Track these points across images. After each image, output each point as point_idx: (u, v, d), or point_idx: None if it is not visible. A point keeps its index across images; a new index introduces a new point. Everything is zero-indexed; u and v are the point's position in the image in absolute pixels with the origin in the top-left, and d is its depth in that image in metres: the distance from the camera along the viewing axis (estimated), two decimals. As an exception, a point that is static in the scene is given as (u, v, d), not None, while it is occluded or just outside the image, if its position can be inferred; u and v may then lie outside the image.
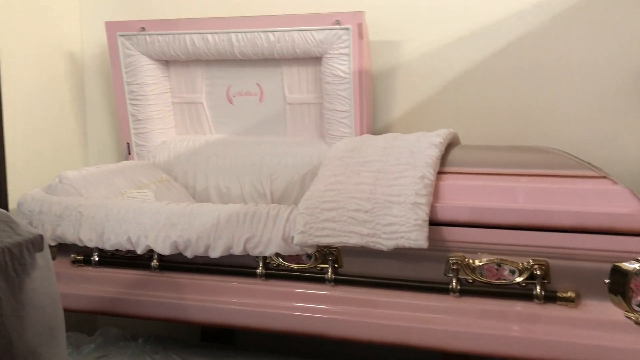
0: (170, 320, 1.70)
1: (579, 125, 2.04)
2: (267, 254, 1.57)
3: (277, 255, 1.60)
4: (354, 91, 2.04)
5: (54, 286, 1.31)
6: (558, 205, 1.42)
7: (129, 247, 1.68)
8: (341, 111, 2.07)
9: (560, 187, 1.46)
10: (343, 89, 2.04)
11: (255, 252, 1.58)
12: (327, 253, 1.58)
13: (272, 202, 2.16)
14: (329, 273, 1.58)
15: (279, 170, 2.16)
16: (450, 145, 1.76)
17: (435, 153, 1.57)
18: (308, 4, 2.17)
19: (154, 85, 2.27)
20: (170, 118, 2.35)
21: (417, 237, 1.42)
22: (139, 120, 2.28)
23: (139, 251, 1.66)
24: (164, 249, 1.63)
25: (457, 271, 1.48)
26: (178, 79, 2.32)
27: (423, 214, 1.43)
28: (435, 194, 1.51)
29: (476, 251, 1.49)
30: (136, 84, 2.24)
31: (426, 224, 1.43)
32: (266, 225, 1.57)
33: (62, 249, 1.81)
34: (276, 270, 1.63)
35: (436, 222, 1.49)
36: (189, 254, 1.63)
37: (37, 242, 1.28)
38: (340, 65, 2.03)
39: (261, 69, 2.22)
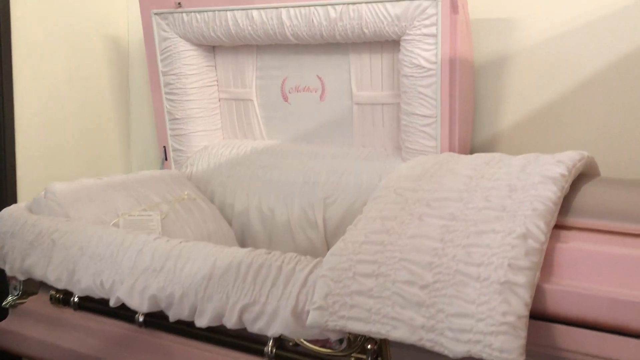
0: (152, 400, 1.23)
1: None
2: (269, 334, 1.04)
3: (290, 333, 1.06)
4: (441, 88, 1.44)
5: None
6: None
7: (101, 294, 1.23)
8: (423, 115, 1.48)
9: None
10: (426, 84, 1.45)
11: (254, 328, 1.05)
12: (365, 339, 1.02)
13: (325, 234, 1.63)
14: (367, 369, 1.01)
15: (337, 192, 1.62)
16: (582, 178, 1.10)
17: (550, 193, 0.94)
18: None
19: (194, 76, 1.82)
20: (215, 117, 1.89)
21: (503, 345, 0.81)
22: (177, 119, 1.85)
23: (112, 302, 1.21)
24: (141, 304, 1.17)
25: (578, 402, 0.86)
26: (226, 70, 1.86)
27: (519, 305, 0.82)
28: (547, 265, 0.89)
29: (616, 373, 0.85)
30: (172, 74, 1.81)
31: (523, 322, 0.82)
32: (274, 287, 1.04)
33: (47, 280, 1.42)
34: (292, 352, 1.10)
35: (545, 317, 0.87)
36: (171, 316, 1.15)
37: None
38: (423, 52, 1.43)
39: (323, 57, 1.69)
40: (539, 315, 0.86)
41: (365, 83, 1.64)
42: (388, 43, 1.55)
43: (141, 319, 1.25)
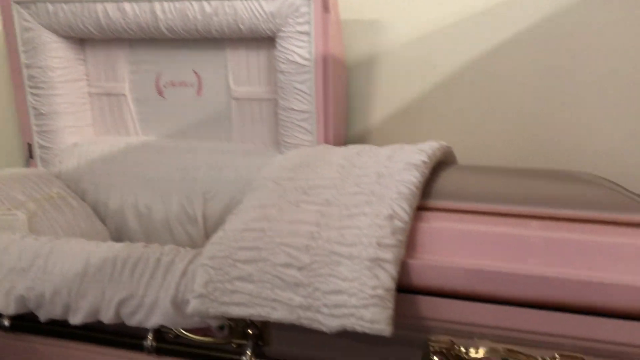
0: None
1: (628, 142, 1.50)
2: (149, 326, 1.03)
3: (171, 324, 1.06)
4: (316, 84, 1.50)
5: None
6: (607, 273, 0.88)
7: (-39, 299, 1.14)
8: (299, 111, 1.53)
9: (611, 242, 0.91)
10: (301, 80, 1.51)
11: (132, 322, 1.04)
12: (246, 324, 1.05)
13: (205, 230, 1.62)
14: (248, 354, 1.04)
15: (216, 187, 1.62)
16: (442, 165, 1.22)
17: (413, 178, 1.03)
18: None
19: (62, 69, 1.73)
20: (85, 113, 1.81)
21: (374, 316, 0.87)
22: (42, 114, 1.75)
23: (-27, 307, 1.13)
24: (7, 306, 1.10)
25: (441, 365, 0.95)
26: (96, 64, 1.79)
27: (387, 279, 0.89)
28: (411, 243, 0.97)
29: (471, 336, 0.95)
30: (38, 67, 1.71)
31: (391, 294, 0.89)
32: (152, 280, 1.03)
33: None
34: (173, 343, 1.10)
35: (410, 289, 0.95)
36: (42, 316, 1.10)
37: None
38: (298, 48, 1.49)
39: (199, 52, 1.68)
40: (405, 288, 0.94)
41: (242, 79, 1.66)
42: (264, 39, 1.59)
43: (7, 323, 1.18)
